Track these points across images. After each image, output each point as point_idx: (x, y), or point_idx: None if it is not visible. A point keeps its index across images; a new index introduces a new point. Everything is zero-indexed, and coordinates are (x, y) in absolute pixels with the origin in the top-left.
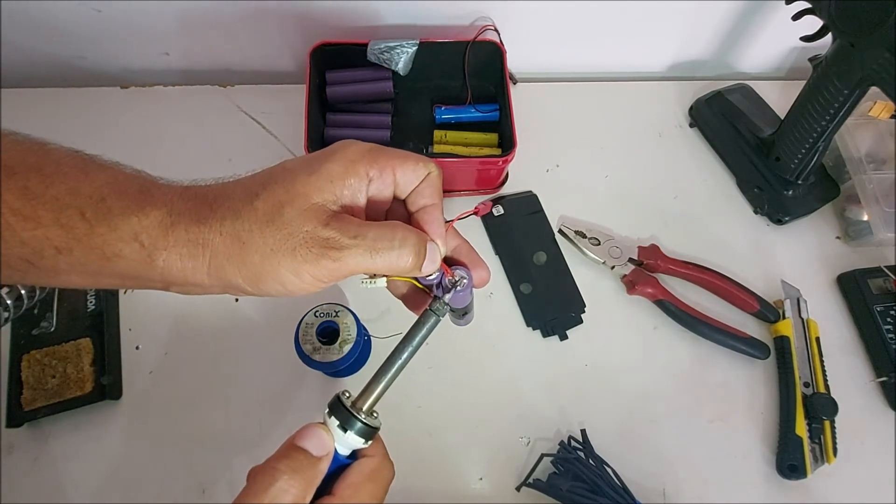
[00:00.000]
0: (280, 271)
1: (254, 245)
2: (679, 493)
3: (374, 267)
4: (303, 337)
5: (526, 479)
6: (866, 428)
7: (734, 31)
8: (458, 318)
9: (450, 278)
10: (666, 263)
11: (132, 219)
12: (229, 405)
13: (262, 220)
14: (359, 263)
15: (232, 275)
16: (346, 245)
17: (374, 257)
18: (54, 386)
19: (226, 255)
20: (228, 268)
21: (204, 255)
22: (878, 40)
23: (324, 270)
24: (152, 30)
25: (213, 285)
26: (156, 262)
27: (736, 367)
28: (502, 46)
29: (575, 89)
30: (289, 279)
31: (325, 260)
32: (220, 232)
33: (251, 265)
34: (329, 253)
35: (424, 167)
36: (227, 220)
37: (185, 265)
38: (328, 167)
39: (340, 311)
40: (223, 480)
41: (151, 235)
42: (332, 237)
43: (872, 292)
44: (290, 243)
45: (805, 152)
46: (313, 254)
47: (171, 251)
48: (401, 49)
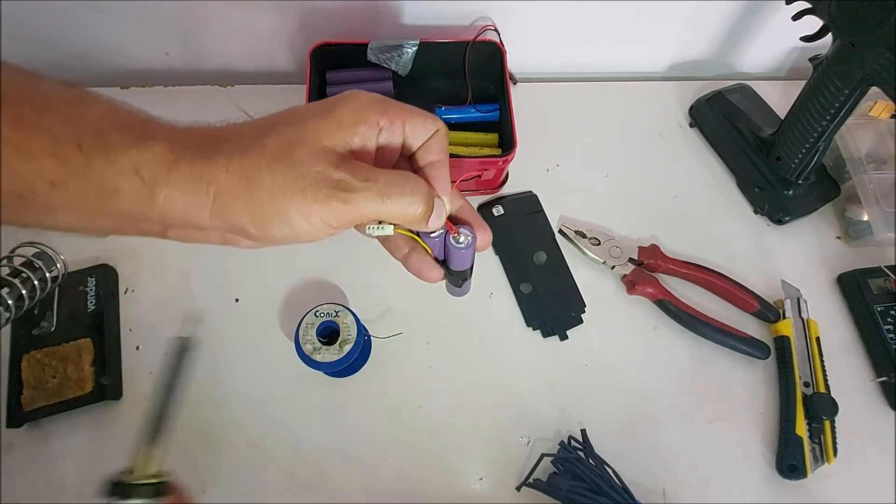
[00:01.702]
0: (289, 212)
1: (262, 183)
2: (679, 493)
3: (384, 212)
4: (303, 337)
5: (526, 478)
6: (866, 428)
7: (734, 31)
8: (457, 286)
9: (454, 235)
10: (666, 263)
11: (132, 152)
12: (229, 405)
13: (271, 158)
14: (369, 208)
15: (237, 215)
16: (357, 188)
17: (384, 202)
18: (54, 386)
19: (231, 192)
20: (234, 207)
21: (208, 192)
22: (879, 40)
23: (334, 213)
24: (152, 30)
25: (214, 227)
26: (156, 198)
27: (736, 367)
28: (502, 46)
29: (575, 89)
30: (297, 221)
31: (335, 202)
32: (227, 168)
33: (258, 204)
34: (340, 195)
35: (433, 123)
36: (234, 156)
37: (188, 202)
38: (339, 112)
39: (340, 311)
40: (223, 480)
41: (153, 169)
42: (343, 179)
43: (873, 292)
44: (301, 182)
45: (805, 152)
46: (324, 194)
47: (173, 187)
48: (401, 49)
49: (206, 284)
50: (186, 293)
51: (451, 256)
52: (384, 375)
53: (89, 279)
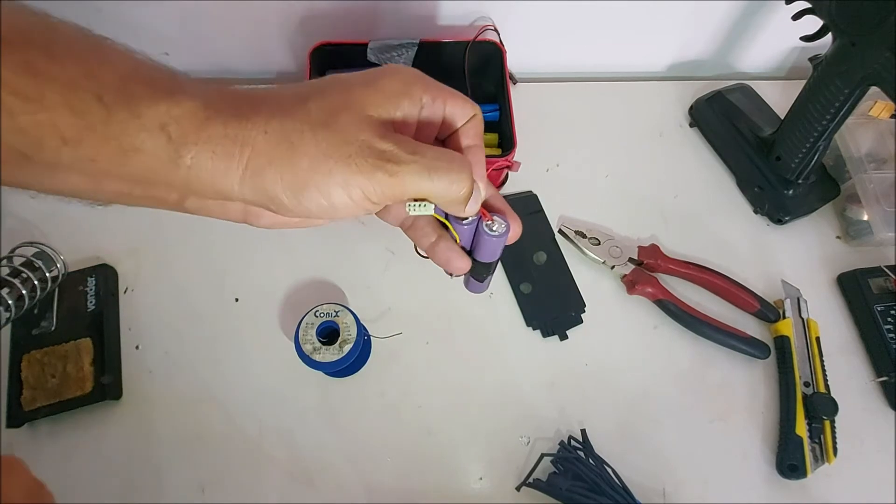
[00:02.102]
0: (329, 181)
1: (304, 148)
2: (679, 493)
3: (428, 189)
4: (303, 337)
5: (526, 478)
6: (866, 428)
7: (734, 31)
8: (480, 280)
9: (488, 222)
10: (666, 263)
11: (160, 106)
12: (229, 405)
13: (315, 123)
14: (415, 183)
15: (271, 181)
16: (404, 160)
17: (431, 177)
18: (54, 386)
19: (268, 156)
20: (269, 172)
21: (242, 154)
22: (879, 39)
23: (377, 186)
24: (152, 30)
25: (242, 196)
26: (182, 159)
27: (736, 367)
28: (502, 46)
29: (575, 89)
30: (336, 192)
31: (380, 173)
32: (266, 130)
33: (297, 171)
34: (386, 166)
35: (472, 107)
36: (274, 118)
37: (217, 166)
38: (385, 82)
39: (340, 311)
40: (223, 480)
41: (182, 127)
42: (389, 150)
43: (873, 292)
44: (346, 150)
45: (805, 152)
46: (369, 164)
47: (203, 147)
48: (401, 49)
49: (206, 284)
50: (186, 293)
51: (481, 246)
52: (384, 375)
53: (89, 279)
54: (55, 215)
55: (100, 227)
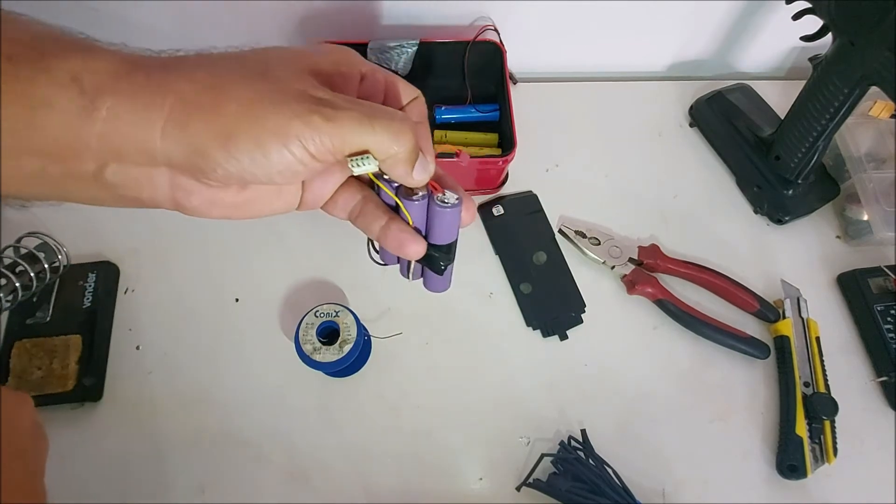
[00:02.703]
0: (262, 127)
1: (233, 93)
2: (679, 493)
3: (371, 139)
4: (303, 337)
5: (526, 479)
6: (866, 428)
7: (734, 31)
8: (438, 271)
9: (439, 195)
10: (666, 263)
11: (73, 59)
12: (229, 405)
13: (249, 74)
14: (354, 130)
15: (197, 130)
16: (342, 106)
17: (372, 125)
18: (37, 379)
19: (194, 103)
20: (194, 121)
21: (164, 102)
22: (879, 39)
23: (314, 133)
24: (150, 30)
25: (166, 152)
26: (98, 112)
27: (736, 367)
28: (502, 46)
29: (575, 89)
30: (271, 142)
31: (317, 117)
32: (192, 79)
33: (225, 116)
34: (323, 110)
35: (414, 90)
36: (202, 68)
37: (136, 118)
38: (323, 48)
39: (340, 311)
40: (223, 481)
41: (97, 78)
42: (327, 98)
43: (873, 292)
44: (279, 96)
45: (805, 152)
46: (304, 108)
47: (121, 97)
48: (401, 49)
49: (206, 285)
50: (186, 293)
51: (435, 223)
52: (384, 375)
53: (90, 274)
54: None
55: (105, 225)
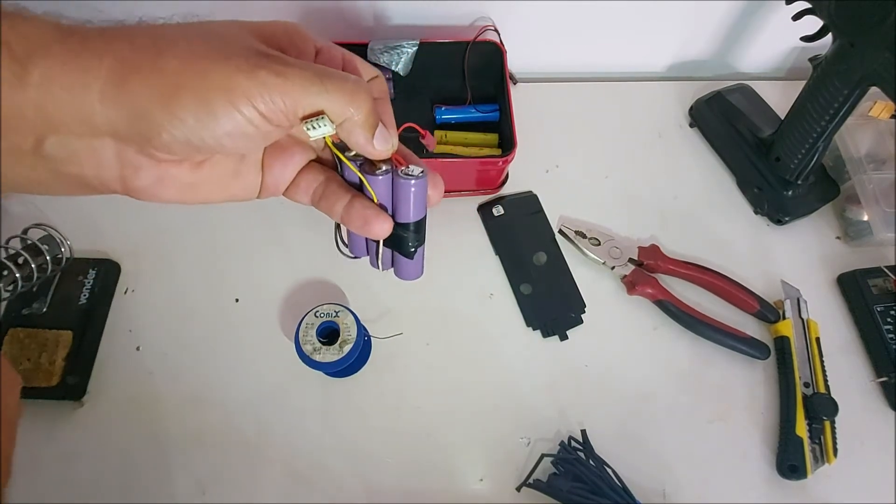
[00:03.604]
0: (207, 83)
1: (175, 50)
2: (679, 493)
3: (323, 100)
4: (303, 337)
5: (526, 479)
6: (866, 428)
7: (734, 31)
8: (408, 254)
9: (403, 168)
10: (666, 264)
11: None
12: (230, 405)
13: (192, 34)
14: (306, 89)
15: (137, 91)
16: (291, 63)
17: (325, 84)
18: (25, 371)
19: (133, 63)
20: (133, 81)
21: (100, 65)
22: (878, 40)
23: (263, 90)
24: None
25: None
26: (30, 76)
27: (736, 368)
28: (502, 46)
29: (575, 89)
30: (216, 99)
31: (264, 72)
32: (131, 41)
33: (166, 73)
34: (271, 65)
35: (374, 69)
36: (135, 30)
37: (72, 82)
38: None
39: (340, 312)
40: (224, 481)
41: (28, 41)
42: (275, 54)
43: (872, 292)
44: (224, 50)
45: (805, 152)
46: (251, 63)
47: (54, 61)
48: (401, 49)
49: (207, 285)
50: (187, 294)
51: (401, 199)
52: (384, 375)
53: (91, 270)
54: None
55: (108, 223)
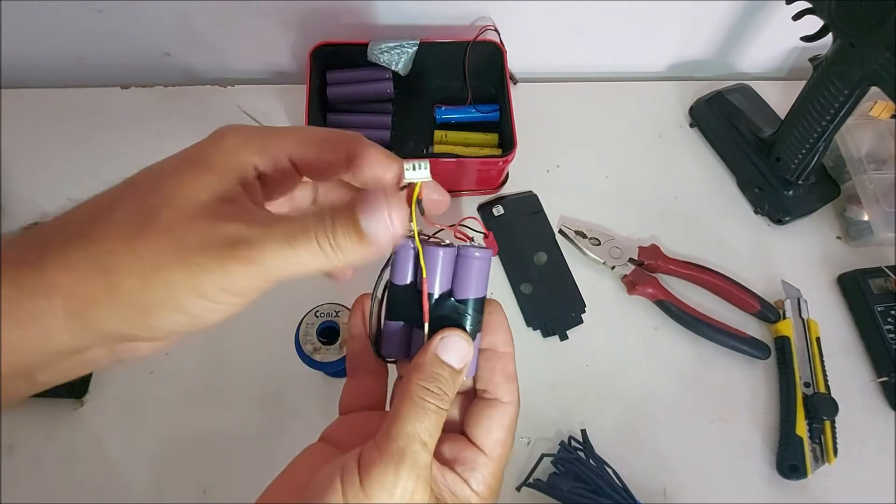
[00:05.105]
0: (174, 293)
1: (125, 267)
2: (679, 493)
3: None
4: (303, 337)
5: (526, 479)
6: (867, 428)
7: (734, 31)
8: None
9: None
10: (666, 263)
11: None
12: (229, 405)
13: (127, 234)
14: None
15: (105, 321)
16: (255, 238)
17: (293, 246)
18: None
19: (86, 294)
20: (95, 311)
21: (51, 306)
22: (879, 40)
23: (236, 279)
24: (152, 30)
25: (85, 344)
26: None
27: (736, 368)
28: (502, 46)
29: (575, 89)
30: (190, 301)
31: (233, 263)
32: (66, 267)
33: (129, 296)
34: (237, 253)
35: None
36: (69, 249)
37: (33, 331)
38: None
39: (341, 312)
40: (224, 481)
41: None
42: (238, 233)
43: (873, 292)
44: (181, 253)
45: (805, 152)
46: (216, 261)
47: (4, 320)
48: (401, 49)
49: None
50: None
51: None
52: None
53: None
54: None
55: None
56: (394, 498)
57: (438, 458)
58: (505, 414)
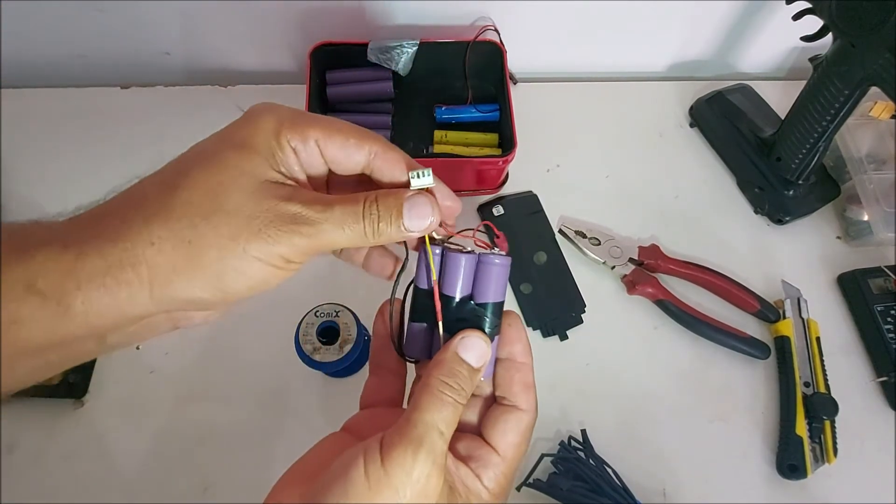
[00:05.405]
0: (245, 261)
1: (206, 241)
2: (679, 493)
3: (346, 240)
4: (303, 337)
5: (526, 478)
6: (866, 428)
7: (734, 31)
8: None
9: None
10: (666, 263)
11: (15, 269)
12: (229, 405)
13: (205, 212)
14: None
15: (185, 288)
16: (317, 219)
17: (344, 227)
18: None
19: (170, 265)
20: (179, 281)
21: (139, 275)
22: (879, 40)
23: (297, 250)
24: (152, 30)
25: (161, 309)
26: (72, 308)
27: (736, 367)
28: (502, 46)
29: (575, 89)
30: (259, 269)
31: (297, 237)
32: (152, 241)
33: (209, 266)
34: (301, 228)
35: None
36: (153, 224)
37: (118, 298)
38: (253, 140)
39: (341, 311)
40: (224, 481)
41: (51, 278)
42: (299, 213)
43: (873, 292)
44: (254, 225)
45: (806, 152)
46: (284, 234)
47: (90, 287)
48: (401, 49)
49: None
50: None
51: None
52: None
53: None
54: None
55: None
56: (411, 478)
57: (455, 454)
58: (521, 420)
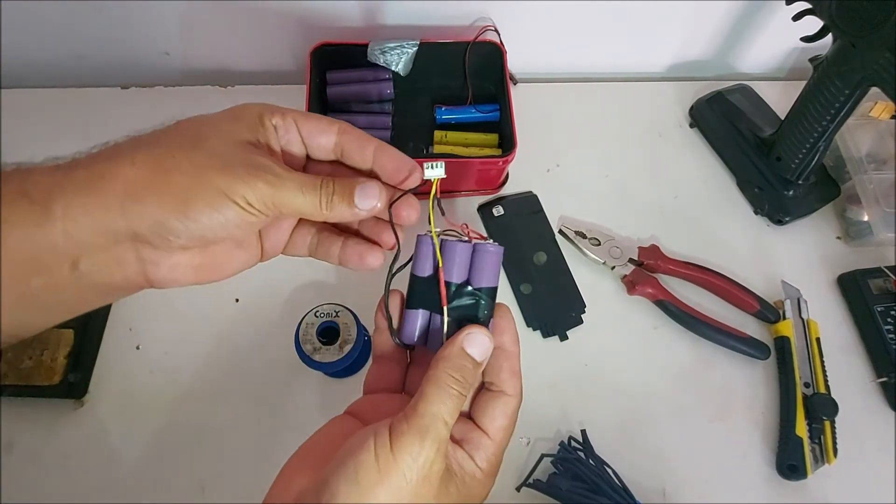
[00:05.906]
0: (210, 190)
1: (179, 168)
2: (679, 493)
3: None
4: (303, 337)
5: (526, 479)
6: (866, 428)
7: (734, 32)
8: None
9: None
10: (666, 264)
11: (13, 178)
12: (229, 405)
13: (185, 146)
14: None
15: (153, 206)
16: (281, 174)
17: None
18: (27, 368)
19: (143, 182)
20: (149, 197)
21: (114, 188)
22: (879, 40)
23: (258, 194)
24: (152, 30)
25: (129, 227)
26: (53, 214)
27: (736, 368)
28: (502, 46)
29: (575, 89)
30: (221, 200)
31: (260, 182)
32: (133, 162)
33: (178, 190)
34: (265, 176)
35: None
36: (140, 150)
37: (94, 207)
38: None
39: (341, 312)
40: (223, 480)
41: (42, 185)
42: (267, 164)
43: (873, 292)
44: (223, 160)
45: (806, 152)
46: (249, 173)
47: (72, 196)
48: (401, 49)
49: (206, 284)
50: (187, 293)
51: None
52: None
53: None
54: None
55: None
56: (417, 463)
57: (450, 437)
58: (508, 405)
